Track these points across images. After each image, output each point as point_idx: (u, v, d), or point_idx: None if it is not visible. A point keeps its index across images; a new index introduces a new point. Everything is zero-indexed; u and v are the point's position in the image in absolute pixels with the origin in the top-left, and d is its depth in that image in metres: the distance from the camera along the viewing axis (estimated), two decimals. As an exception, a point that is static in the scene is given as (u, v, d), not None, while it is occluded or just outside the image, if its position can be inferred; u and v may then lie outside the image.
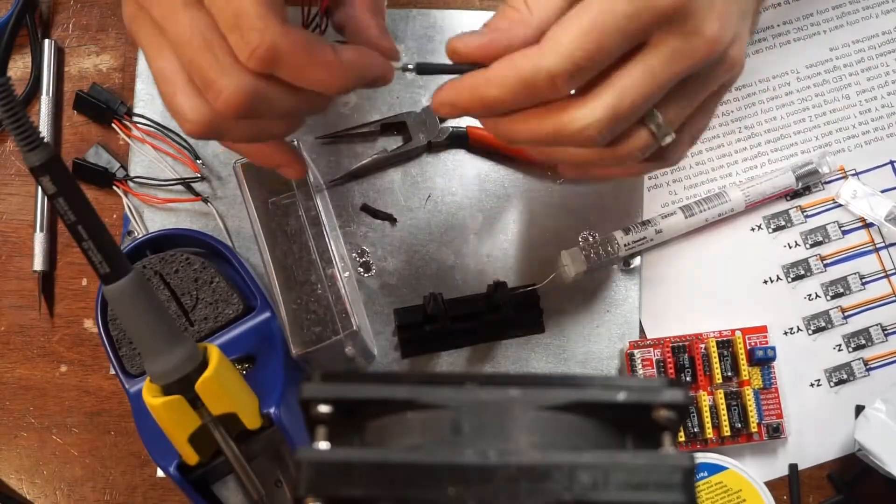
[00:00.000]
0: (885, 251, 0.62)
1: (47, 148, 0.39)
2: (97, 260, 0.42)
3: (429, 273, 0.61)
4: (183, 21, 0.39)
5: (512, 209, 0.62)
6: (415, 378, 0.31)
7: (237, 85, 0.39)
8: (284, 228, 0.57)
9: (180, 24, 0.40)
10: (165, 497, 0.60)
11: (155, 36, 0.41)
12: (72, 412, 0.61)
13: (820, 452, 0.60)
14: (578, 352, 0.60)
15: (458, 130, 0.61)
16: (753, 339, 0.60)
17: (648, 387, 0.30)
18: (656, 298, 0.61)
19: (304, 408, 0.30)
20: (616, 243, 0.60)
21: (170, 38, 0.40)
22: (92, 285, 0.62)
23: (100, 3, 0.64)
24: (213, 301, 0.55)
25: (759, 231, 0.62)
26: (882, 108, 0.63)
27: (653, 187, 0.63)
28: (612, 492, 0.27)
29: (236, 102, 0.39)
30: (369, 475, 0.28)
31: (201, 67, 0.40)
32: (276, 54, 0.38)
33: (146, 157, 0.62)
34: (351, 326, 0.54)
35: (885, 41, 0.64)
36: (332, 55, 0.40)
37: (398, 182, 0.62)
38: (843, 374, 0.61)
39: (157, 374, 0.45)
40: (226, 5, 0.38)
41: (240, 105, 0.40)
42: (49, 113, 0.63)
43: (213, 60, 0.39)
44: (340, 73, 0.41)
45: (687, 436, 0.58)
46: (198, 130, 0.42)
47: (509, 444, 0.30)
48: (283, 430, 0.50)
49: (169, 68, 0.41)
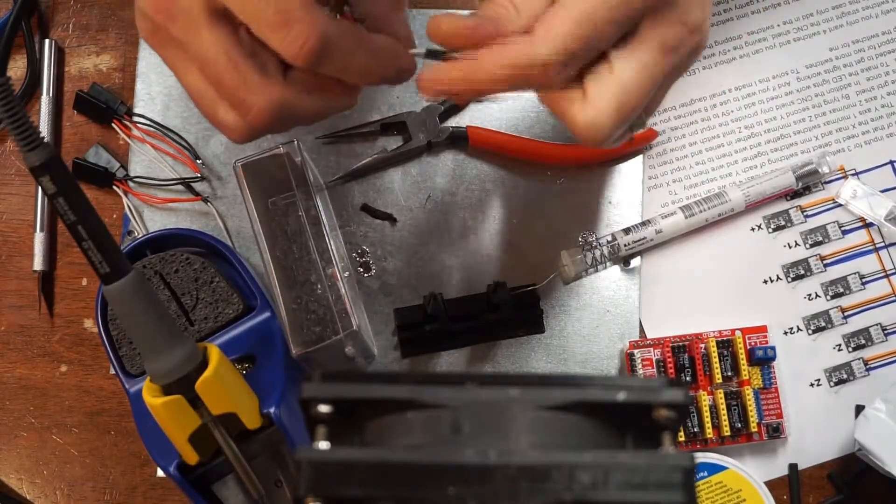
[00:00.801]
0: (885, 251, 0.62)
1: (47, 148, 0.39)
2: (97, 260, 0.42)
3: (429, 273, 0.61)
4: (207, 39, 0.40)
5: (512, 209, 0.62)
6: (415, 378, 0.31)
7: (266, 101, 0.40)
8: (284, 228, 0.57)
9: (204, 43, 0.40)
10: (165, 497, 0.60)
11: (179, 53, 0.41)
12: (72, 412, 0.61)
13: (820, 452, 0.60)
14: (578, 352, 0.60)
15: (458, 130, 0.61)
16: (753, 338, 0.60)
17: (648, 387, 0.30)
18: (656, 298, 0.61)
19: (304, 408, 0.30)
20: (616, 243, 0.60)
21: (193, 56, 0.41)
22: (92, 285, 0.62)
23: (100, 3, 0.64)
24: (213, 301, 0.55)
25: (759, 231, 0.62)
26: (882, 108, 0.63)
27: (653, 187, 0.63)
28: (612, 492, 0.27)
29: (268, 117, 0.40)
30: (369, 475, 0.28)
31: (229, 87, 0.40)
32: (328, 44, 0.38)
33: (146, 157, 0.62)
34: (351, 326, 0.54)
35: (885, 41, 0.64)
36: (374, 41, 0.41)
37: (398, 182, 0.62)
38: (843, 374, 0.61)
39: (157, 373, 0.45)
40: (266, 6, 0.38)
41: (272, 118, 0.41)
42: (49, 113, 0.63)
43: (240, 79, 0.40)
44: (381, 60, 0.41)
45: (687, 436, 0.58)
46: (241, 138, 0.43)
47: (509, 443, 0.30)
48: (283, 430, 0.50)
49: (200, 85, 0.42)
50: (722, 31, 0.64)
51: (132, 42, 0.64)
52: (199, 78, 0.41)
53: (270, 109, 0.40)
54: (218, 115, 0.42)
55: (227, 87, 0.40)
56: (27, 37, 0.63)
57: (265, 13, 0.38)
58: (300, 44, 0.38)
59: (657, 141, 0.63)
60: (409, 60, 0.44)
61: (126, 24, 0.64)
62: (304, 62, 0.39)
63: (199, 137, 0.62)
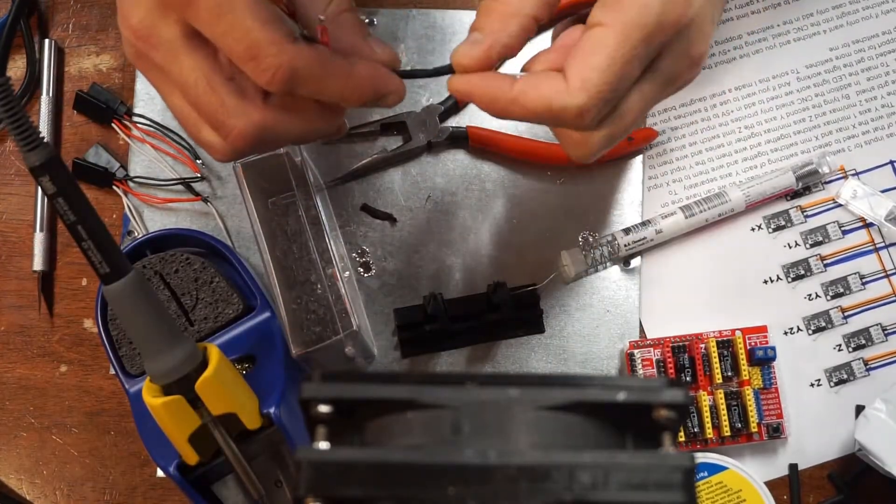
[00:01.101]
0: (885, 251, 0.62)
1: (47, 148, 0.39)
2: (97, 260, 0.42)
3: (429, 273, 0.61)
4: (185, 65, 0.41)
5: (512, 209, 0.62)
6: (415, 378, 0.31)
7: (245, 123, 0.41)
8: (284, 228, 0.57)
9: (184, 70, 0.41)
10: (165, 497, 0.60)
11: (161, 76, 0.43)
12: (72, 412, 0.61)
13: (820, 452, 0.60)
14: (578, 352, 0.60)
15: (458, 130, 0.61)
16: (753, 339, 0.60)
17: (648, 387, 0.30)
18: (656, 298, 0.61)
19: (304, 408, 0.30)
20: (616, 243, 0.60)
21: (175, 82, 0.42)
22: (92, 285, 0.62)
23: (100, 3, 0.64)
24: (213, 301, 0.55)
25: (759, 231, 0.62)
26: (882, 108, 0.63)
27: (653, 187, 0.63)
28: (612, 492, 0.27)
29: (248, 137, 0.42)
30: (369, 475, 0.28)
31: (208, 111, 0.42)
32: (294, 71, 0.40)
33: (146, 157, 0.62)
34: (351, 326, 0.54)
35: (885, 41, 0.64)
36: (347, 66, 0.42)
37: (398, 182, 0.62)
38: (843, 374, 0.61)
39: (157, 374, 0.45)
40: (237, 42, 0.39)
41: (252, 140, 0.42)
42: (49, 113, 0.63)
43: (219, 103, 0.41)
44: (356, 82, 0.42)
45: (687, 436, 0.58)
46: (226, 158, 0.44)
47: (509, 444, 0.30)
48: (283, 430, 0.50)
49: (184, 107, 0.43)
50: (722, 31, 0.64)
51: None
52: (182, 101, 0.43)
53: (250, 131, 0.42)
54: (202, 135, 0.43)
55: (206, 111, 0.42)
56: (27, 37, 0.63)
57: (237, 47, 0.39)
58: (270, 74, 0.39)
59: (657, 141, 0.63)
60: (395, 83, 0.44)
61: (126, 24, 0.64)
62: (278, 89, 0.40)
63: (199, 137, 0.62)
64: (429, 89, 0.62)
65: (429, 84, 0.62)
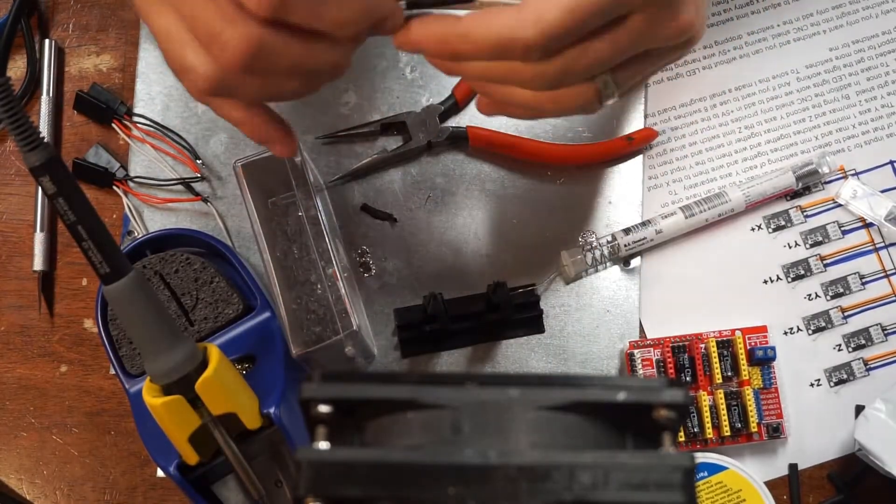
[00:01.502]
0: (884, 251, 0.62)
1: (47, 148, 0.39)
2: (97, 260, 0.42)
3: (429, 273, 0.61)
4: None
5: (512, 209, 0.62)
6: (415, 378, 0.31)
7: (242, 35, 0.38)
8: (284, 228, 0.57)
9: None
10: (165, 497, 0.60)
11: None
12: (72, 412, 0.61)
13: (820, 452, 0.60)
14: (578, 352, 0.60)
15: (458, 130, 0.61)
16: (753, 339, 0.60)
17: (648, 387, 0.30)
18: (656, 298, 0.61)
19: (304, 408, 0.30)
20: (616, 243, 0.60)
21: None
22: (92, 285, 0.62)
23: (100, 3, 0.64)
24: (213, 301, 0.55)
25: (759, 231, 0.62)
26: (882, 108, 0.63)
27: (653, 187, 0.63)
28: (612, 492, 0.27)
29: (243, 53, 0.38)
30: (369, 475, 0.28)
31: (205, 19, 0.38)
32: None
33: (146, 157, 0.62)
34: (351, 326, 0.54)
35: (885, 41, 0.64)
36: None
37: (398, 182, 0.62)
38: (843, 374, 0.61)
39: (157, 374, 0.45)
40: None
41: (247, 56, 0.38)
42: (49, 113, 0.63)
43: (217, 11, 0.38)
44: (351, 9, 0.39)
45: (687, 436, 0.58)
46: (207, 87, 0.40)
47: (509, 444, 0.30)
48: (283, 430, 0.50)
49: (172, 26, 0.40)
50: (722, 31, 0.64)
51: (132, 42, 0.64)
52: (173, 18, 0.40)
53: (247, 48, 0.38)
54: (186, 58, 0.40)
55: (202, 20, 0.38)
56: (27, 37, 0.63)
57: None
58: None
59: (657, 141, 0.63)
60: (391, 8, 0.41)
61: (126, 24, 0.64)
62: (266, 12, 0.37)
63: (199, 137, 0.62)
64: (428, 89, 0.62)
65: (429, 84, 0.62)
